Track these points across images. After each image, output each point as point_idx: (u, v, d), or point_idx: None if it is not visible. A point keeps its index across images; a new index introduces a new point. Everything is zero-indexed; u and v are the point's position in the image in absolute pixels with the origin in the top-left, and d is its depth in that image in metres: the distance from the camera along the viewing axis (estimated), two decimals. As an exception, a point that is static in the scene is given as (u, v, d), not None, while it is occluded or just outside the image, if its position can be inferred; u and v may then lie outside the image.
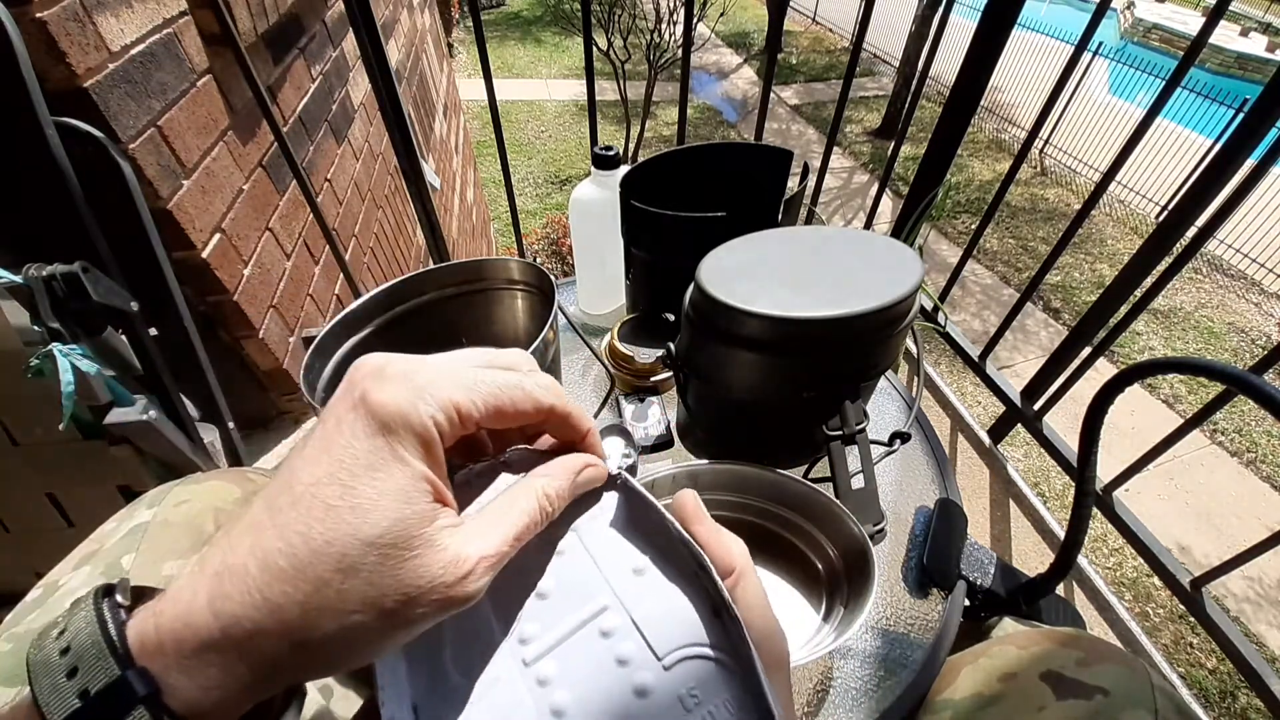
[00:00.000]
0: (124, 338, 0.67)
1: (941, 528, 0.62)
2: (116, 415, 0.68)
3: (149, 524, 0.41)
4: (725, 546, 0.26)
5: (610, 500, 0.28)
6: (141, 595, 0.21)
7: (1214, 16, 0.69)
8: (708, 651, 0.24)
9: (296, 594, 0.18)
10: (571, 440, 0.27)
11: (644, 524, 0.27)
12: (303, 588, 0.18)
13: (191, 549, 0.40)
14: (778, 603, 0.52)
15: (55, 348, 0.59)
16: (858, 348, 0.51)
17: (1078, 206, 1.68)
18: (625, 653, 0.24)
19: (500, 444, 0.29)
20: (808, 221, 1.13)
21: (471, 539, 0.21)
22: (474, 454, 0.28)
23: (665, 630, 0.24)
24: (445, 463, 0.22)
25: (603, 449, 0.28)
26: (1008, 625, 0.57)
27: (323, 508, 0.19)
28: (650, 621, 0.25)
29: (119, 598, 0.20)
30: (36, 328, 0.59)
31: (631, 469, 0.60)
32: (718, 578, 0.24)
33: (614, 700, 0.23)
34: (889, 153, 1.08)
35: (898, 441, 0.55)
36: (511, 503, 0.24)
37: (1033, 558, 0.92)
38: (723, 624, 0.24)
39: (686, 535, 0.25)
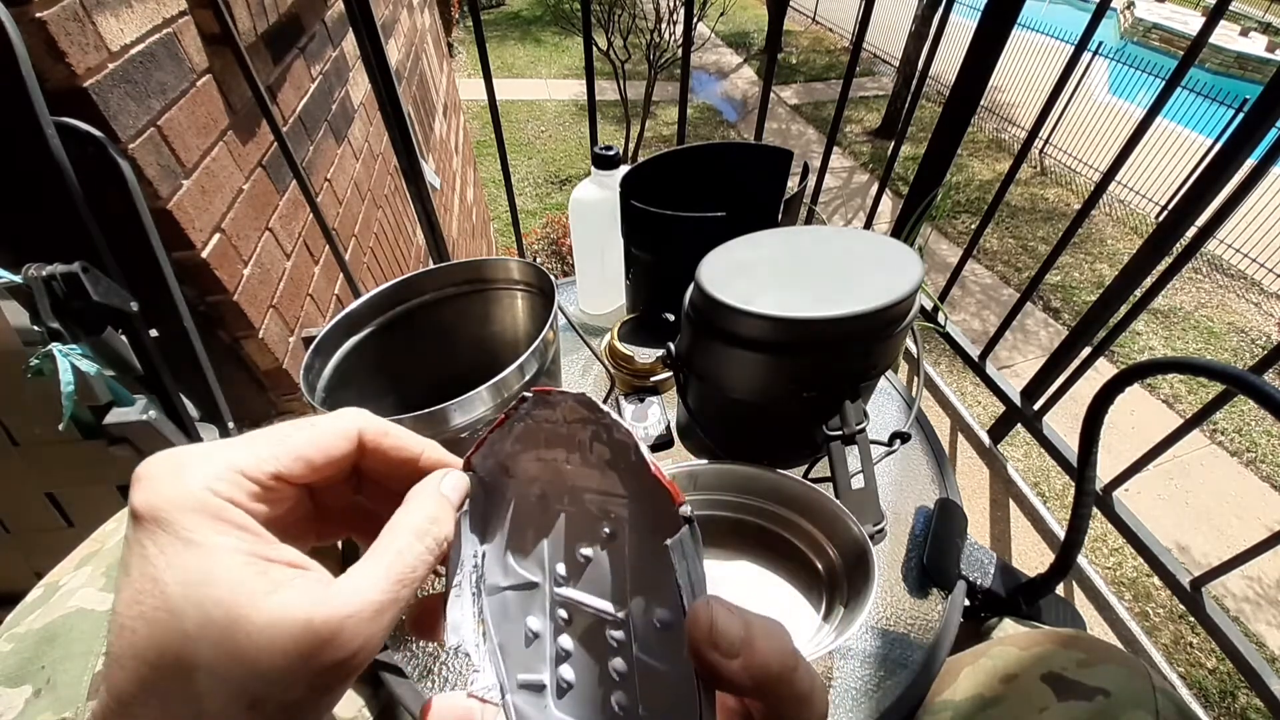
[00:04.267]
0: (124, 338, 0.67)
1: (941, 528, 0.62)
2: (116, 415, 0.68)
3: None
4: (763, 667, 0.20)
5: (678, 542, 0.24)
6: None
7: (1214, 16, 0.69)
8: None
9: (151, 713, 0.17)
10: (412, 462, 0.26)
11: (685, 577, 0.23)
12: (154, 705, 0.17)
13: None
14: (778, 603, 0.52)
15: (55, 348, 0.59)
16: (858, 348, 0.51)
17: (1078, 206, 1.68)
18: (622, 671, 0.24)
19: (381, 495, 0.26)
20: (808, 221, 1.13)
21: (331, 600, 0.19)
22: (337, 521, 0.27)
23: (655, 694, 0.24)
24: (275, 524, 0.21)
25: (449, 457, 0.27)
26: (1008, 626, 0.57)
27: (145, 622, 0.18)
28: (646, 671, 0.24)
29: None
30: (36, 328, 0.59)
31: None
32: (710, 698, 0.21)
33: (599, 695, 0.25)
34: (889, 153, 1.08)
35: (898, 441, 0.55)
36: (384, 543, 0.22)
37: (1033, 558, 0.92)
38: None
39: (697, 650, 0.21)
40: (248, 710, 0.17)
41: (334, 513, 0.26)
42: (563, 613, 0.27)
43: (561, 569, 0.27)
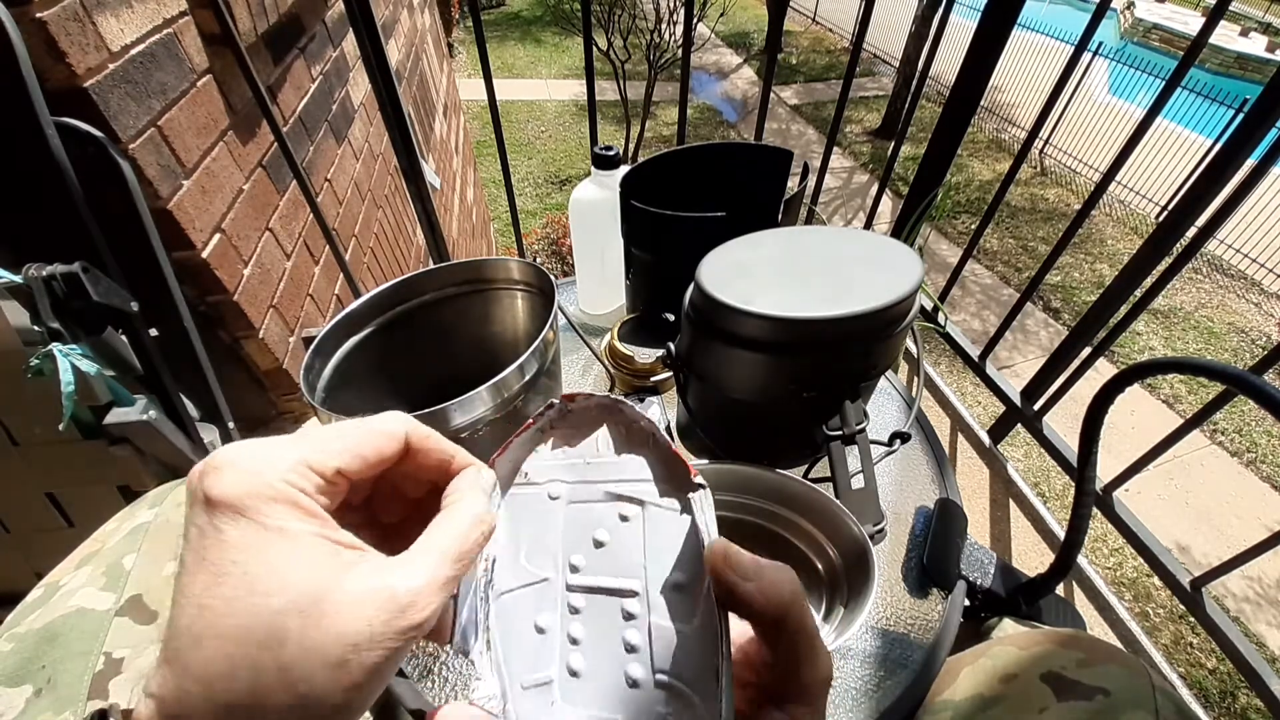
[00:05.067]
0: (124, 338, 0.67)
1: (941, 528, 0.62)
2: (116, 415, 0.68)
3: (150, 524, 0.41)
4: (775, 587, 0.23)
5: (686, 507, 0.28)
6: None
7: (1214, 16, 0.69)
8: (693, 697, 0.25)
9: (239, 685, 0.18)
10: (446, 464, 0.27)
11: (700, 547, 0.27)
12: (242, 677, 0.18)
13: None
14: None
15: (55, 348, 0.59)
16: (858, 348, 0.51)
17: (1078, 206, 1.68)
18: (635, 642, 0.26)
19: (398, 500, 0.28)
20: (808, 221, 1.13)
21: (405, 572, 0.21)
22: (381, 507, 0.28)
23: (670, 654, 0.26)
24: (339, 510, 0.23)
25: (478, 461, 0.29)
26: (1007, 626, 0.57)
27: (225, 601, 0.19)
28: (662, 639, 0.26)
29: None
30: (36, 328, 0.59)
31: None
32: (728, 647, 0.24)
33: (612, 670, 0.26)
34: (889, 153, 1.08)
35: (898, 441, 0.55)
36: (444, 525, 0.24)
37: (1033, 558, 0.92)
38: (714, 685, 0.24)
39: (714, 599, 0.25)
40: (335, 669, 0.19)
41: (352, 515, 0.27)
42: (574, 601, 0.28)
43: (576, 560, 0.28)
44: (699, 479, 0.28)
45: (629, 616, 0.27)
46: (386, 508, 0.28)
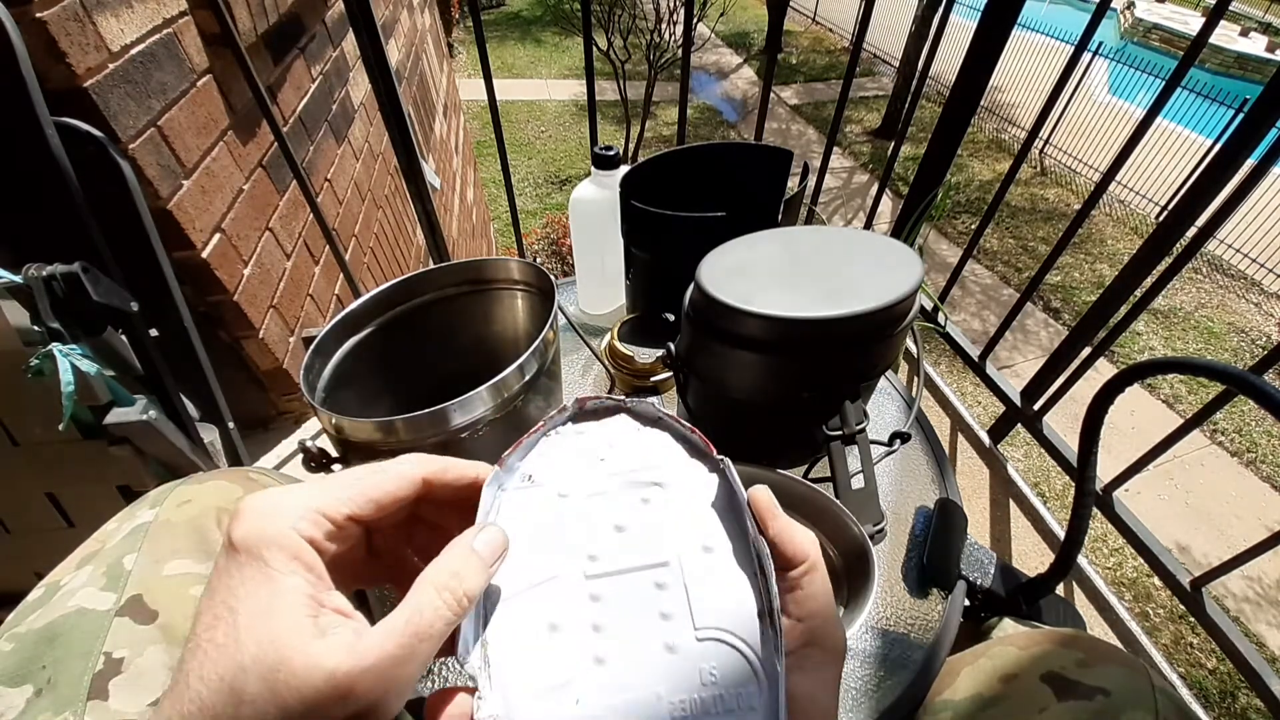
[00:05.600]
0: (124, 338, 0.67)
1: (941, 528, 0.62)
2: (116, 415, 0.68)
3: (150, 524, 0.41)
4: (798, 542, 0.28)
5: (708, 480, 0.31)
6: None
7: (1214, 16, 0.69)
8: (740, 645, 0.26)
9: None
10: (476, 484, 0.29)
11: (728, 510, 0.30)
12: None
13: (193, 550, 0.40)
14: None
15: (55, 348, 0.59)
16: (858, 348, 0.51)
17: (1078, 206, 1.68)
18: (669, 609, 0.26)
19: (427, 528, 0.30)
20: (808, 221, 1.13)
21: (350, 655, 0.21)
22: (405, 540, 0.30)
23: (710, 607, 0.26)
24: (340, 568, 0.24)
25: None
26: (1007, 626, 0.57)
27: (214, 647, 0.20)
28: (699, 593, 0.27)
29: None
30: (36, 328, 0.59)
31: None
32: (774, 586, 0.26)
33: (645, 643, 0.26)
34: (889, 153, 1.08)
35: (898, 441, 0.55)
36: (408, 600, 0.23)
37: (1033, 558, 0.92)
38: (764, 627, 0.26)
39: (761, 537, 0.27)
40: None
41: (384, 557, 0.29)
42: (596, 589, 0.27)
43: (595, 550, 0.28)
44: (718, 456, 0.31)
45: (661, 586, 0.27)
46: (433, 528, 0.29)
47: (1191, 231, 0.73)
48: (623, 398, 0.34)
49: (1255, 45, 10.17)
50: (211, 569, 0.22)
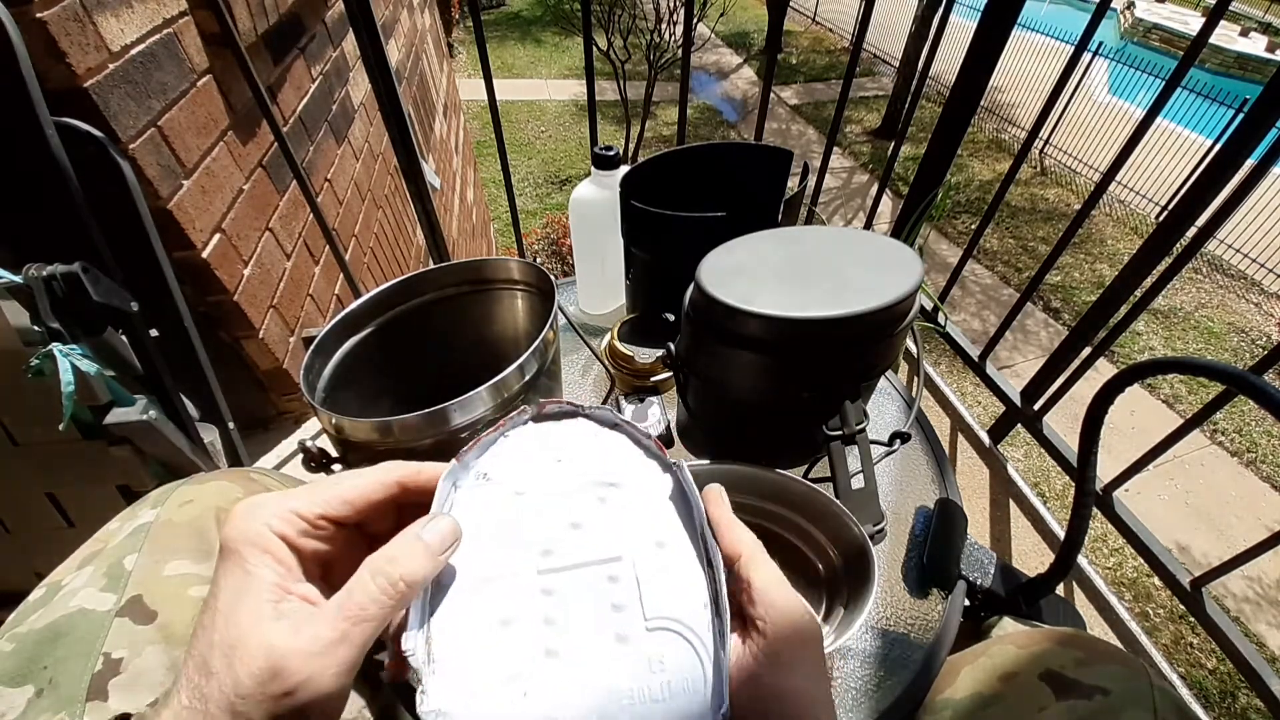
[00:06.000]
0: (124, 338, 0.67)
1: (941, 528, 0.62)
2: (116, 415, 0.68)
3: (152, 524, 0.41)
4: (735, 535, 0.30)
5: (663, 481, 0.32)
6: None
7: (1214, 16, 0.69)
8: (687, 632, 0.27)
9: (194, 704, 0.21)
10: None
11: (682, 509, 0.31)
12: (195, 698, 0.21)
13: (193, 550, 0.40)
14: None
15: (55, 348, 0.59)
16: (858, 348, 0.51)
17: (1078, 206, 1.68)
18: (621, 601, 0.27)
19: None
20: (808, 221, 1.13)
21: (288, 634, 0.22)
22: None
23: (660, 598, 0.27)
24: (310, 561, 0.26)
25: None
26: (1007, 625, 0.57)
27: (200, 629, 0.23)
28: (651, 586, 0.28)
29: None
30: (36, 328, 0.59)
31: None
32: (722, 575, 0.28)
33: (597, 634, 0.27)
34: (889, 153, 1.08)
35: (898, 441, 0.55)
36: (349, 592, 0.24)
37: (1033, 558, 0.92)
38: (710, 616, 0.27)
39: (710, 533, 0.29)
40: (232, 715, 0.21)
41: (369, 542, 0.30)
42: (548, 583, 0.28)
43: (549, 546, 0.29)
44: (672, 461, 0.32)
45: (614, 580, 0.28)
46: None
47: (1191, 231, 0.73)
48: (580, 403, 0.35)
49: (1255, 45, 10.17)
50: (211, 569, 0.24)
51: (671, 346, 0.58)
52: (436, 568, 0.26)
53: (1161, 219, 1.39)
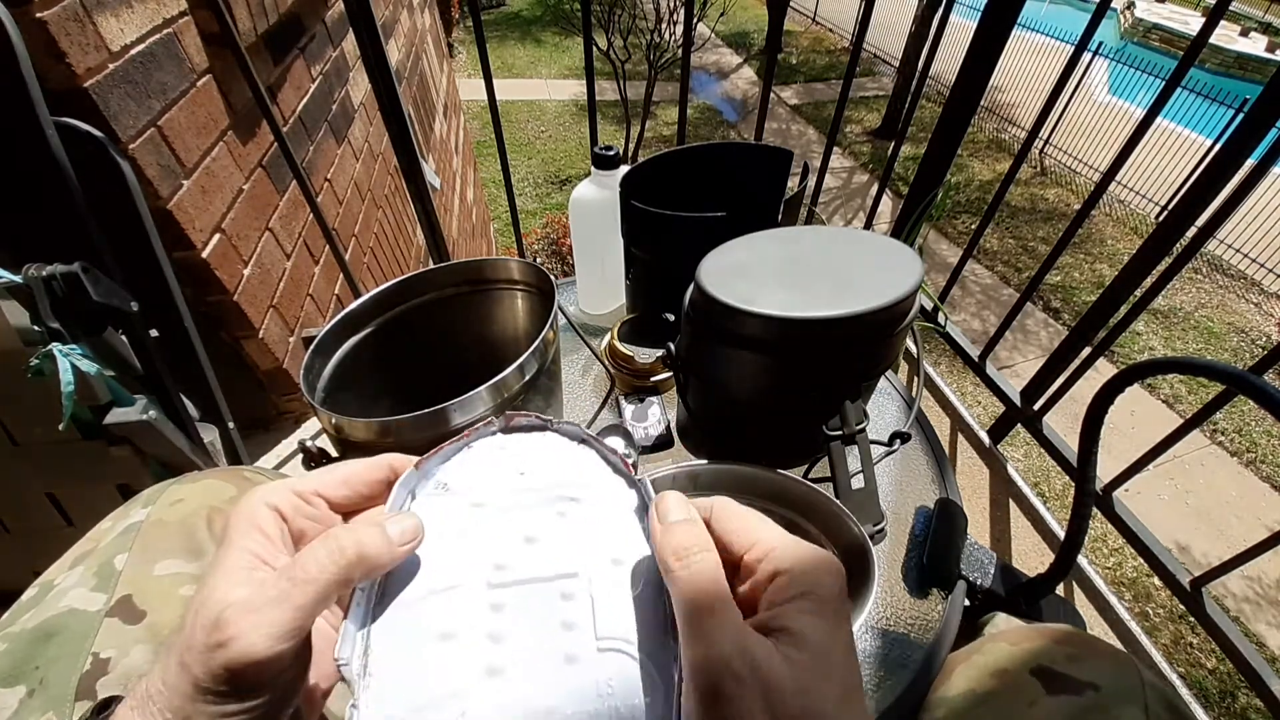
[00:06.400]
0: (124, 338, 0.67)
1: (941, 528, 0.62)
2: (116, 415, 0.68)
3: (143, 523, 0.41)
4: (662, 499, 0.28)
5: (627, 497, 0.31)
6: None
7: (1214, 16, 0.69)
8: (640, 655, 0.25)
9: (170, 663, 0.22)
10: None
11: (645, 526, 0.29)
12: (170, 659, 0.22)
13: (184, 549, 0.40)
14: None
15: (55, 348, 0.59)
16: (858, 348, 0.51)
17: (1078, 206, 1.68)
18: (573, 620, 0.26)
19: None
20: (808, 221, 1.13)
21: (232, 589, 0.23)
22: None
23: (614, 618, 0.26)
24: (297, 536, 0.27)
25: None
26: (1000, 622, 0.57)
27: (193, 593, 0.24)
28: (605, 605, 0.26)
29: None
30: (36, 328, 0.59)
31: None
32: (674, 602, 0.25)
33: (545, 653, 0.25)
34: (889, 153, 1.08)
35: (898, 441, 0.55)
36: (297, 556, 0.24)
37: (1033, 558, 0.92)
38: (665, 639, 0.26)
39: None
40: (179, 668, 0.21)
41: None
42: (497, 598, 0.26)
43: (502, 560, 0.28)
44: (638, 476, 0.31)
45: (567, 597, 0.26)
46: None
47: (1191, 231, 0.73)
48: (550, 418, 0.34)
49: (1255, 45, 10.17)
50: (201, 568, 0.26)
51: (671, 346, 0.58)
52: (390, 556, 0.25)
53: (1161, 219, 1.39)
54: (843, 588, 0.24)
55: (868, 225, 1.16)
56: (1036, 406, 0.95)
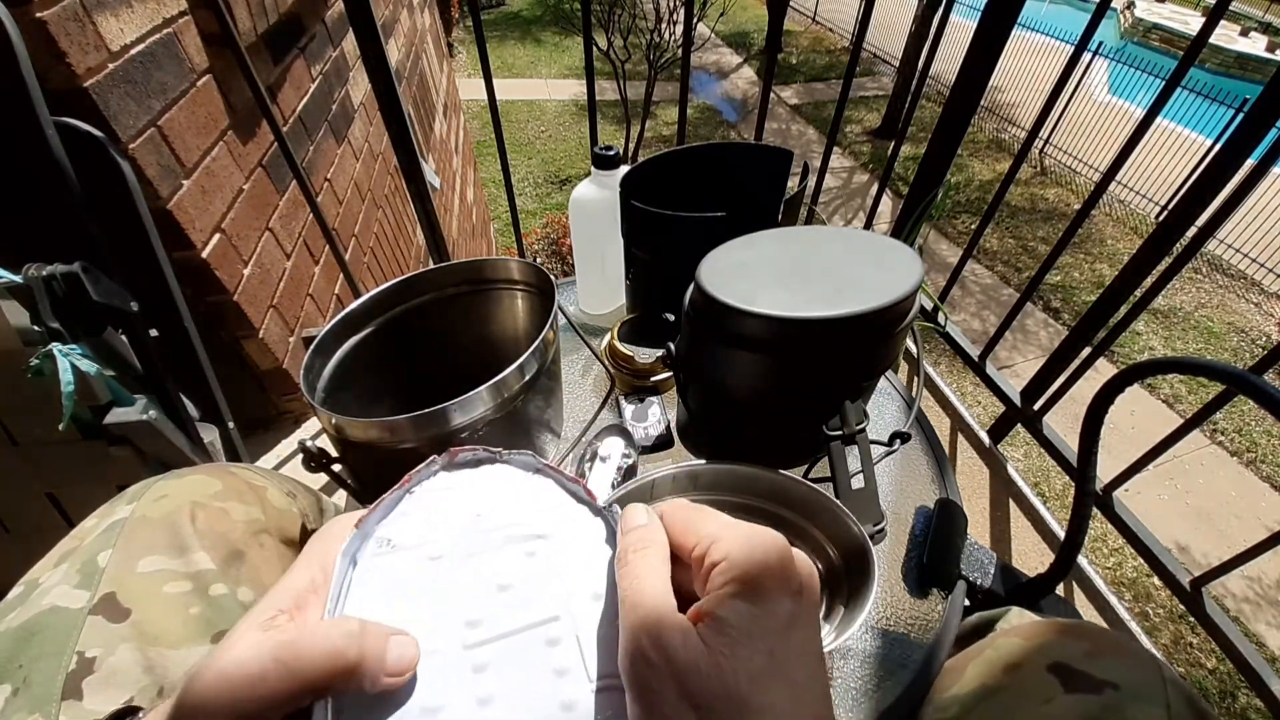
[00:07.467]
0: (124, 338, 0.67)
1: (941, 528, 0.62)
2: (116, 415, 0.68)
3: (127, 520, 0.41)
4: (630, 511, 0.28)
5: (596, 527, 0.29)
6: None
7: (1214, 16, 0.69)
8: None
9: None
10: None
11: (615, 554, 0.28)
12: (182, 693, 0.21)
13: (167, 546, 0.40)
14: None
15: (55, 348, 0.59)
16: (858, 348, 0.51)
17: (1078, 206, 1.68)
18: (563, 665, 0.25)
19: None
20: (808, 221, 1.13)
21: (231, 661, 0.21)
22: None
23: (605, 656, 0.25)
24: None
25: None
26: (1013, 617, 0.57)
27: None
28: (593, 644, 0.25)
29: None
30: (36, 328, 0.59)
31: (631, 469, 0.60)
32: None
33: (540, 705, 0.24)
34: (889, 153, 1.08)
35: (898, 441, 0.55)
36: (300, 624, 0.23)
37: (1033, 558, 0.92)
38: None
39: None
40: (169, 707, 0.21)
41: None
42: (479, 658, 0.24)
43: (475, 615, 0.25)
44: (602, 502, 0.30)
45: (553, 643, 0.25)
46: None
47: (1191, 231, 0.73)
48: (499, 449, 0.32)
49: (1255, 45, 10.17)
50: (185, 565, 0.25)
51: (671, 346, 0.58)
52: (376, 686, 0.22)
53: (1161, 219, 1.39)
54: (784, 566, 0.24)
55: (868, 225, 1.16)
56: (1036, 406, 0.95)
